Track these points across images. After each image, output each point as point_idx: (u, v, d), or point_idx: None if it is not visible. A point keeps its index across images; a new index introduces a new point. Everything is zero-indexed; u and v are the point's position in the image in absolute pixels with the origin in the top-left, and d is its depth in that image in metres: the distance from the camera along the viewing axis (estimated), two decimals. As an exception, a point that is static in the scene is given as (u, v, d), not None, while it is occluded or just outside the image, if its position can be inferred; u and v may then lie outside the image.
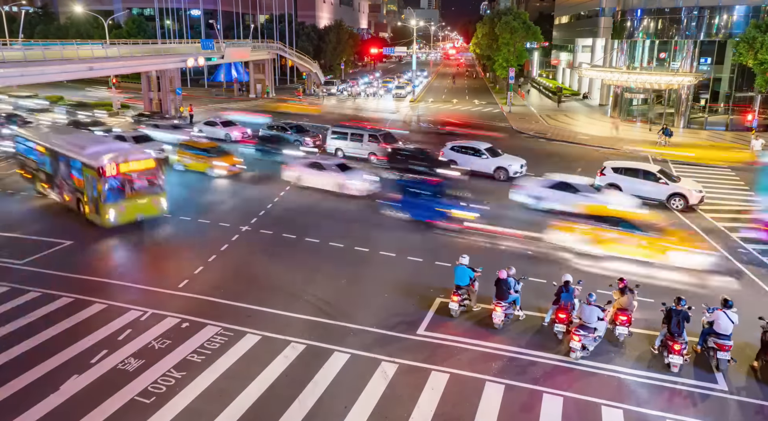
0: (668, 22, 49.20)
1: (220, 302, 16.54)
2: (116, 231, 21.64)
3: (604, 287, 16.53)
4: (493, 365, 13.73)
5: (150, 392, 12.45)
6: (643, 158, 36.64)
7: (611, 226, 19.87)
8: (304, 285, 17.69)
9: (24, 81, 37.44)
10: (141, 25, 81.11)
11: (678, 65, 48.43)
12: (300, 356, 13.94)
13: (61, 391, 12.39)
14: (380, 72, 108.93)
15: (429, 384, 12.89)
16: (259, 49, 68.06)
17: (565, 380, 13.18)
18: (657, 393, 12.81)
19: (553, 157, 36.46)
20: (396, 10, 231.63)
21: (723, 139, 43.94)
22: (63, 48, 39.56)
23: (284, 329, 15.13)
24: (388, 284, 17.92)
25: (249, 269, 18.83)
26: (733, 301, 14.02)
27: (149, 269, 19.19)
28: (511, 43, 67.98)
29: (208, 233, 21.97)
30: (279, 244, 21.04)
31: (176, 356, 13.80)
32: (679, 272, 18.73)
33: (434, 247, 20.89)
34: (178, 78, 52.18)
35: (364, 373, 13.30)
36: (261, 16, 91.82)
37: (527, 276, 17.14)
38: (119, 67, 45.62)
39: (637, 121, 51.89)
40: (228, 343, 14.41)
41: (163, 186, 22.72)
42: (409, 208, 23.44)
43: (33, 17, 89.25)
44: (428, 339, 14.82)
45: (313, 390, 12.61)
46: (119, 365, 13.37)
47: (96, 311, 15.85)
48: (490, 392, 12.68)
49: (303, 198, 26.77)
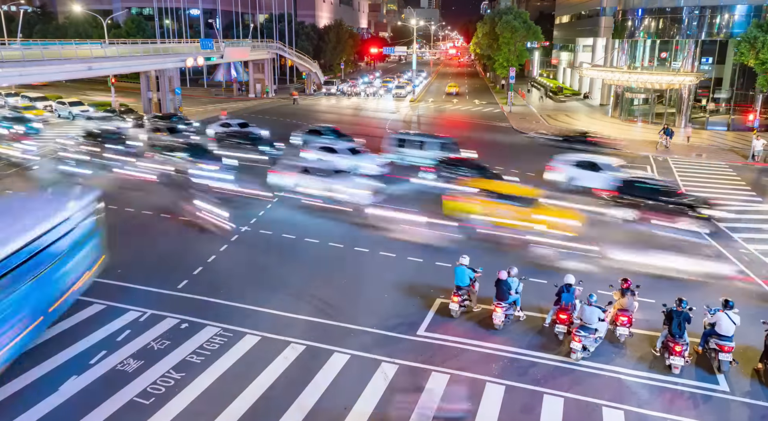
0: (669, 21, 49.23)
1: (220, 302, 16.55)
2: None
3: (605, 288, 16.53)
4: (494, 365, 13.74)
5: (149, 393, 12.45)
6: (643, 158, 36.69)
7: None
8: (304, 285, 17.71)
9: (22, 80, 37.50)
10: (140, 24, 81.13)
11: (679, 65, 48.46)
12: (300, 356, 13.94)
13: (60, 392, 12.39)
14: (380, 72, 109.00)
15: (429, 385, 12.90)
16: (258, 48, 68.09)
17: (566, 381, 13.18)
18: (658, 394, 12.81)
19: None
20: (396, 10, 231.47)
21: (724, 139, 43.96)
22: (62, 47, 39.60)
23: (284, 329, 15.13)
24: (388, 284, 17.93)
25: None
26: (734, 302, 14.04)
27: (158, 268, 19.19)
28: (512, 42, 68.01)
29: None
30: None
31: (175, 356, 13.82)
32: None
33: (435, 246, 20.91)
34: (177, 78, 52.19)
35: (364, 374, 13.30)
36: (260, 15, 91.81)
37: (527, 277, 17.14)
38: (118, 66, 45.68)
39: (638, 121, 51.94)
40: (227, 344, 14.41)
41: None
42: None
43: (31, 17, 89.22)
44: (429, 340, 14.82)
45: (313, 391, 12.61)
46: (118, 366, 13.36)
47: (95, 312, 15.86)
48: (490, 393, 12.68)
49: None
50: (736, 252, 20.95)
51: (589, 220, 22.62)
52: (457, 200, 23.24)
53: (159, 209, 24.41)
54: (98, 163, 30.41)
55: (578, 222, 21.57)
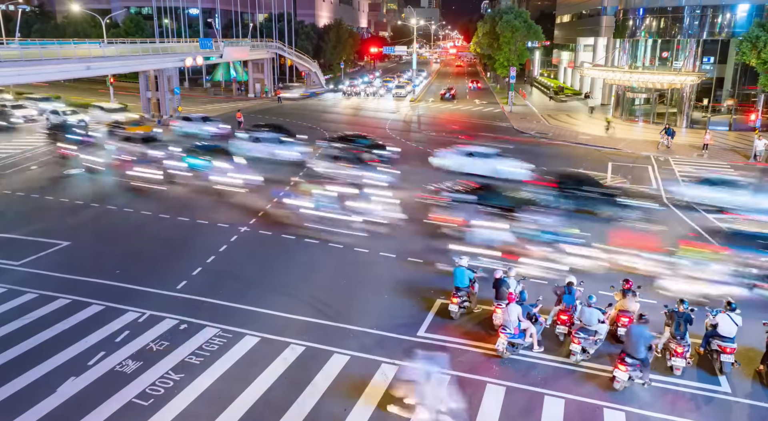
0: (671, 20, 49.23)
1: (219, 303, 16.55)
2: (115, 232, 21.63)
3: (606, 289, 16.53)
4: (494, 367, 13.73)
5: (148, 394, 12.44)
6: (645, 158, 36.69)
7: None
8: (304, 286, 17.70)
9: (21, 80, 37.52)
10: (139, 23, 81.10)
11: (680, 65, 48.45)
12: (299, 357, 13.93)
13: (59, 393, 12.38)
14: (380, 71, 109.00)
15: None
16: (258, 48, 68.08)
17: (567, 382, 13.18)
18: (660, 396, 12.81)
19: (558, 157, 36.48)
20: (396, 9, 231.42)
21: (726, 139, 43.94)
22: (60, 47, 39.58)
23: (283, 330, 15.13)
24: (388, 285, 17.92)
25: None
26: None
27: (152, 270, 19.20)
28: (512, 42, 67.94)
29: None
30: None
31: (174, 357, 13.81)
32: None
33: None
34: (177, 77, 52.18)
35: (364, 375, 13.30)
36: (260, 14, 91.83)
37: (527, 277, 17.14)
38: (117, 66, 45.68)
39: (639, 121, 51.92)
40: (227, 345, 14.41)
41: None
42: None
43: (30, 16, 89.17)
44: (428, 341, 14.81)
45: (313, 392, 12.61)
46: (117, 367, 13.36)
47: (93, 312, 15.86)
48: (490, 395, 12.68)
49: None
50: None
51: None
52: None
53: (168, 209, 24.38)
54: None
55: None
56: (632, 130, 47.53)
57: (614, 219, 23.69)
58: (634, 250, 19.46)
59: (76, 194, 26.72)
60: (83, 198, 26.12)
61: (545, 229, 20.35)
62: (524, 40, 69.24)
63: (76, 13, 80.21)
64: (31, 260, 19.28)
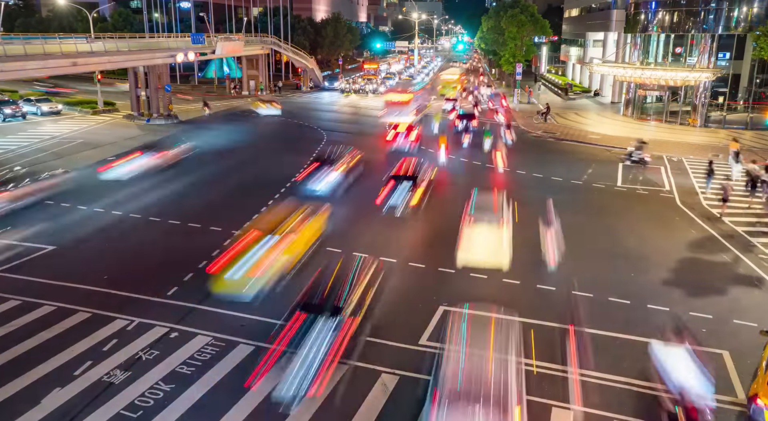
0: (684, 14, 49.33)
1: (212, 310, 16.55)
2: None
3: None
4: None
5: (137, 405, 12.44)
6: (657, 158, 36.69)
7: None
8: (300, 291, 17.66)
9: (2, 77, 37.45)
10: (127, 18, 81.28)
11: (695, 60, 48.52)
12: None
13: (42, 405, 12.37)
14: (385, 64, 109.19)
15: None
16: (252, 43, 68.17)
17: (576, 393, 13.17)
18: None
19: (565, 156, 36.49)
20: (396, 3, 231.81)
21: (742, 138, 43.95)
22: (45, 42, 39.63)
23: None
24: (388, 290, 17.91)
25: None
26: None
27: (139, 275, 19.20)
28: (518, 37, 68.12)
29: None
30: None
31: (165, 367, 13.81)
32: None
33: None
34: (167, 74, 52.23)
35: (363, 385, 13.30)
36: (254, 8, 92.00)
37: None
38: (105, 62, 45.64)
39: (651, 120, 51.98)
40: (219, 354, 14.40)
41: None
42: None
43: (13, 9, 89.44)
44: (430, 350, 14.80)
45: (310, 404, 12.60)
46: (104, 378, 13.35)
47: (80, 320, 15.85)
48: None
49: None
50: (755, 258, 20.97)
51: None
52: None
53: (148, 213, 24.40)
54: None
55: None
56: (643, 130, 47.46)
57: None
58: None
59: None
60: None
61: None
62: (531, 35, 69.42)
63: (61, 7, 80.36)
64: (13, 265, 19.29)
